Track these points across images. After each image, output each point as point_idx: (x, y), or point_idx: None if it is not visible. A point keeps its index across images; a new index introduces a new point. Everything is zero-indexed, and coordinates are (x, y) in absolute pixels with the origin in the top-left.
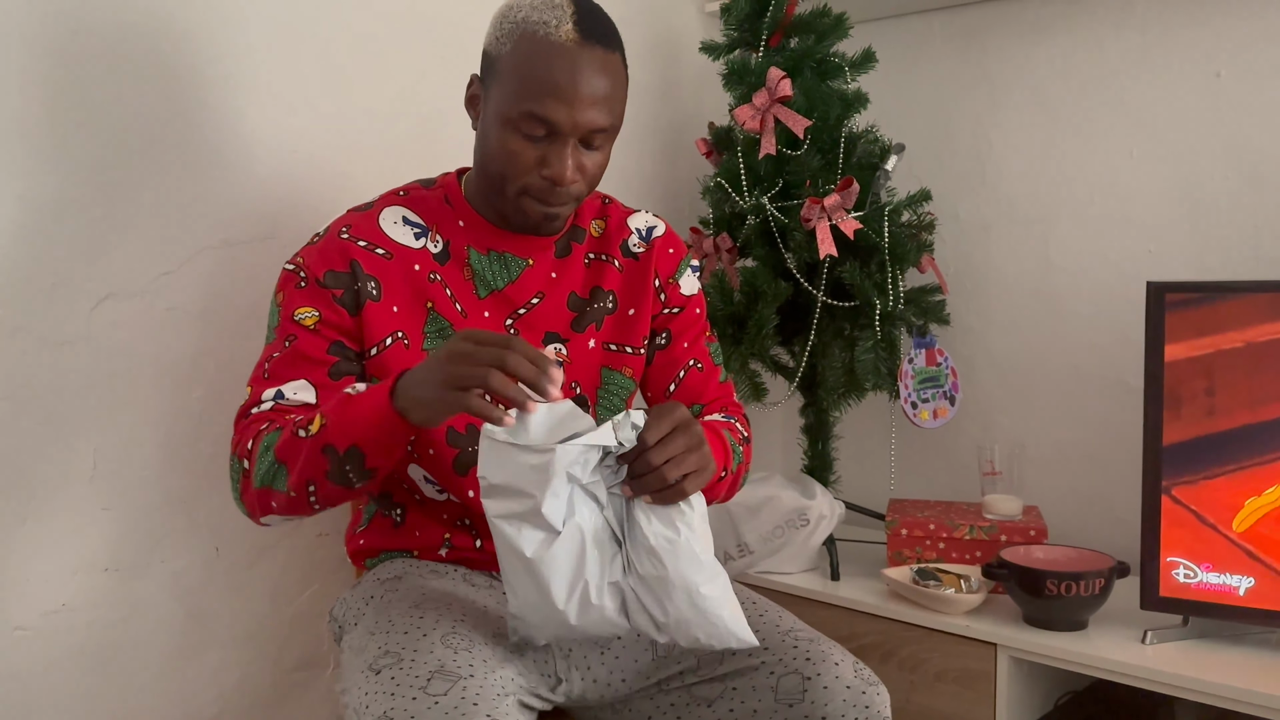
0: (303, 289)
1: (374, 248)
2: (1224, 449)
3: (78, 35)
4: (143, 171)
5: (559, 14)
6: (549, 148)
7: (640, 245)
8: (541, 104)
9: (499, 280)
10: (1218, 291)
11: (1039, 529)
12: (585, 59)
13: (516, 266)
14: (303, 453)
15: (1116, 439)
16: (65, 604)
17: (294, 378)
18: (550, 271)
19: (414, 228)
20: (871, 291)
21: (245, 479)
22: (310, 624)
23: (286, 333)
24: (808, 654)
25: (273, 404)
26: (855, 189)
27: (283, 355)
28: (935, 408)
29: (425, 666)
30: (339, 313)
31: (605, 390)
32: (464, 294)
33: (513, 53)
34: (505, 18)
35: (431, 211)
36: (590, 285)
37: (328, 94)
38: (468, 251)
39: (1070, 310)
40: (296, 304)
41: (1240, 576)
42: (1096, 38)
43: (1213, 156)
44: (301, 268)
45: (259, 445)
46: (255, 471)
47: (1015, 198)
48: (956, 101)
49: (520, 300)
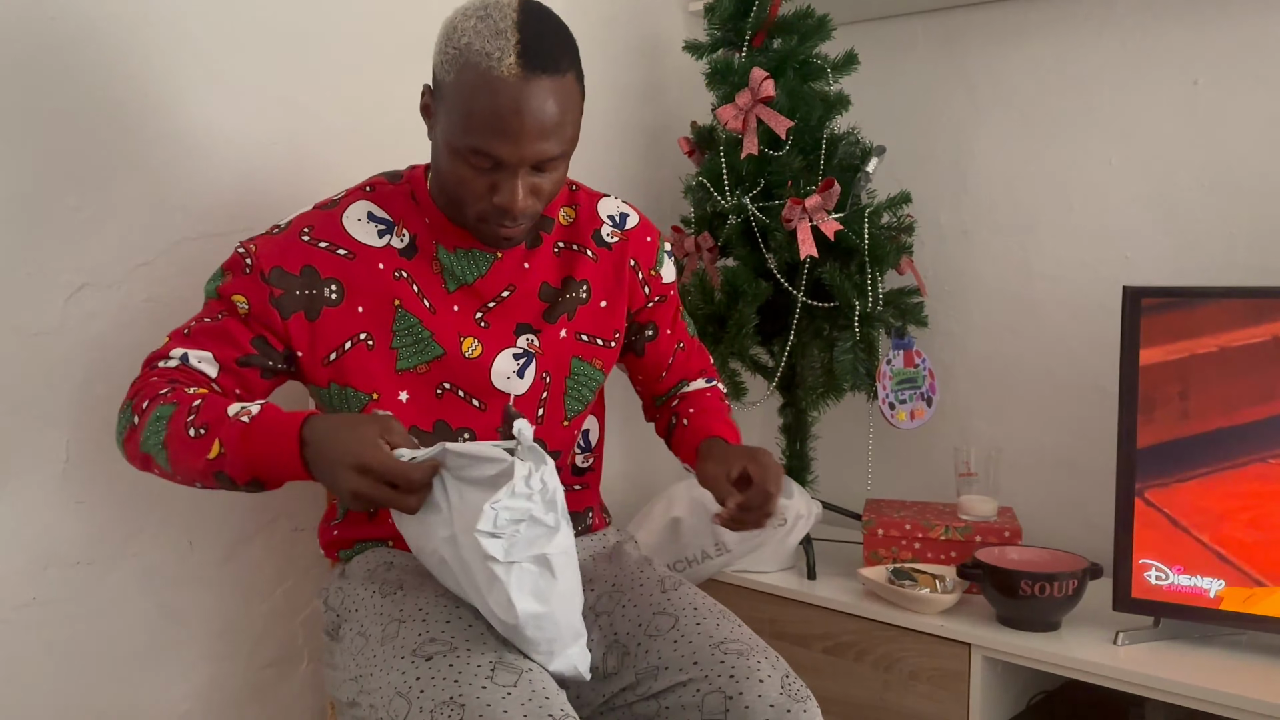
0: (247, 275)
1: (335, 248)
2: (1197, 452)
3: (55, 23)
4: (119, 162)
5: (502, 44)
6: (497, 176)
7: (614, 235)
8: (485, 141)
9: (468, 274)
10: (1193, 297)
11: (1014, 530)
12: (529, 92)
13: (485, 260)
14: (195, 465)
15: (1091, 442)
16: (36, 598)
17: (208, 349)
18: (522, 262)
19: (378, 224)
20: (851, 293)
21: (131, 432)
22: (284, 620)
23: (219, 308)
24: (733, 670)
25: (177, 364)
26: (836, 190)
27: (207, 326)
28: (912, 409)
29: (484, 657)
30: (269, 313)
31: (574, 380)
32: (432, 288)
33: (456, 83)
34: (450, 40)
35: (398, 207)
36: (562, 275)
37: (307, 86)
38: (435, 246)
39: (1047, 315)
40: (236, 288)
41: (1211, 579)
42: (1076, 45)
43: (1190, 164)
44: (251, 255)
45: (151, 411)
46: (142, 436)
47: (994, 203)
48: (938, 105)
49: (490, 294)
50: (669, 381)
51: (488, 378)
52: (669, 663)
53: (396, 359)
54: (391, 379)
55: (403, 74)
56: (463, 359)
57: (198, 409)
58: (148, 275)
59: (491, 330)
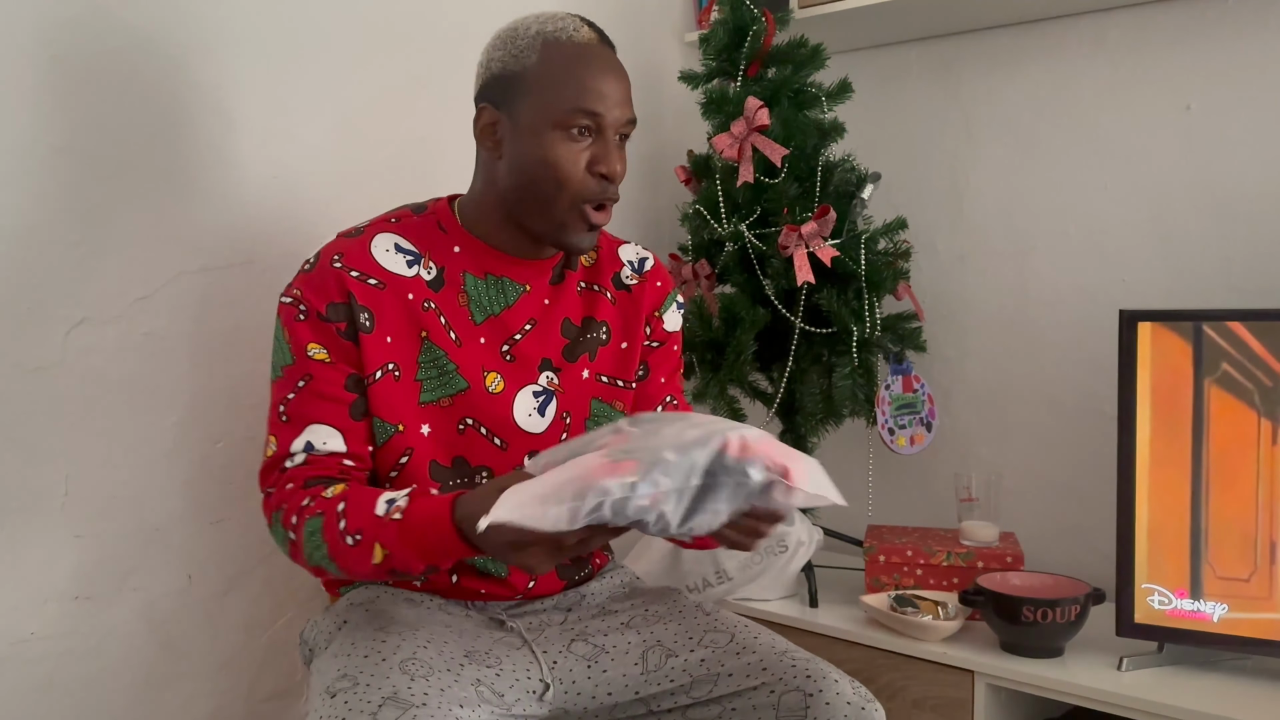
0: (303, 322)
1: (366, 277)
2: None
3: (58, 62)
4: (120, 196)
5: (572, 22)
6: (596, 147)
7: (632, 277)
8: (587, 98)
9: (495, 305)
10: (1189, 319)
11: (1015, 555)
12: (609, 57)
13: (514, 291)
14: (364, 570)
15: (1091, 466)
16: (35, 633)
17: (316, 420)
18: (544, 298)
19: (406, 255)
20: (849, 318)
21: (294, 549)
22: (284, 653)
23: (301, 372)
24: (808, 672)
25: (304, 457)
26: (832, 217)
27: (299, 396)
28: (912, 434)
29: (379, 692)
30: (344, 346)
31: (594, 421)
32: (459, 320)
33: (542, 62)
34: (517, 36)
35: (424, 238)
36: (584, 314)
37: (308, 120)
38: (463, 277)
39: (1046, 339)
40: (305, 339)
41: (1214, 603)
42: (1069, 70)
43: (1184, 188)
44: (300, 300)
45: (304, 526)
46: (305, 552)
47: (991, 227)
48: (932, 132)
49: (516, 326)
50: None
51: (510, 415)
52: (733, 670)
53: (420, 391)
54: (415, 411)
55: (402, 109)
56: (486, 394)
57: (344, 513)
58: (147, 309)
59: (516, 364)
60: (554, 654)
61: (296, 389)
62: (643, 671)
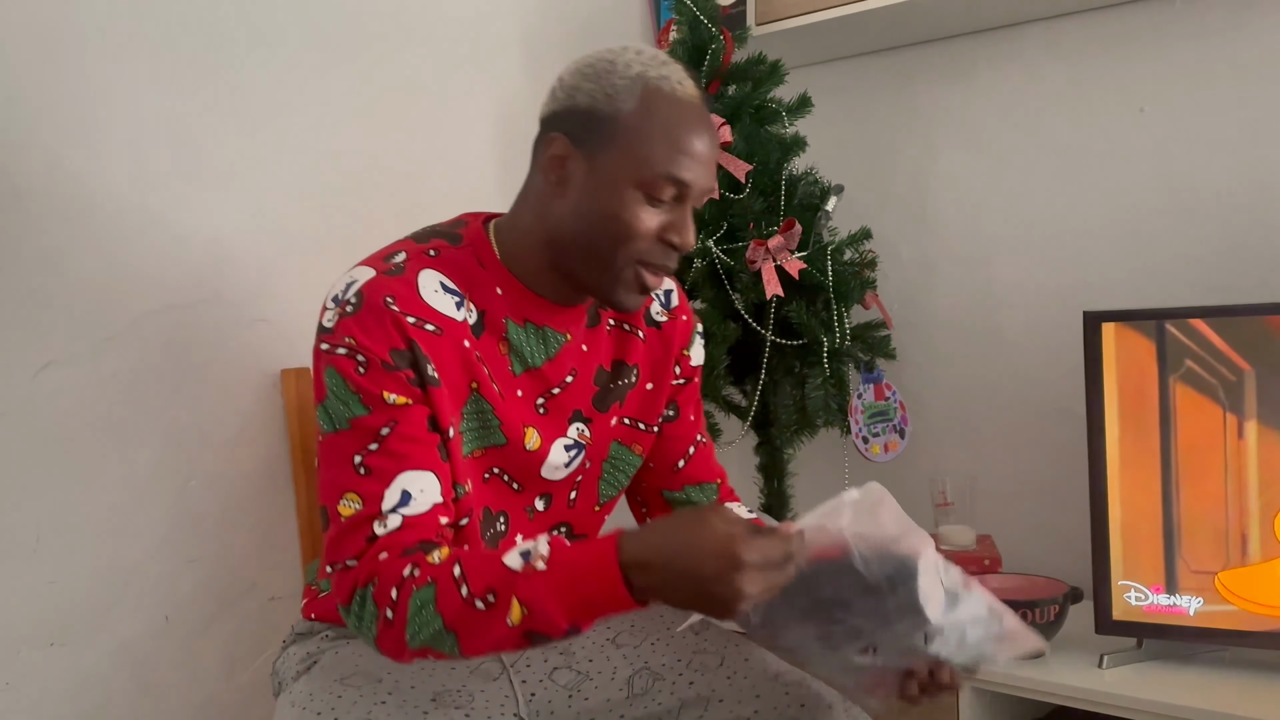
0: (367, 374)
1: (423, 323)
2: None
3: (11, 104)
4: (80, 237)
5: (677, 71)
6: (673, 213)
7: (661, 313)
8: (680, 166)
9: (537, 357)
10: (1152, 319)
11: (993, 558)
12: (707, 120)
13: (555, 342)
14: (494, 636)
15: (1064, 466)
16: (9, 683)
17: (409, 467)
18: (581, 344)
19: (453, 296)
20: (818, 329)
21: (386, 629)
22: (266, 691)
23: (384, 419)
24: (802, 700)
25: (400, 520)
26: (798, 230)
27: (383, 445)
28: (886, 441)
29: None
30: (416, 395)
31: (610, 464)
32: (499, 370)
33: (640, 112)
34: (615, 72)
35: (465, 276)
36: (614, 357)
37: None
38: (505, 324)
39: (1013, 342)
40: (377, 388)
41: (1190, 597)
42: (1025, 76)
43: (1142, 188)
44: (357, 350)
45: (408, 602)
46: (410, 631)
47: (954, 234)
48: (893, 142)
49: (556, 379)
50: (684, 477)
51: (539, 469)
52: (724, 695)
53: (463, 444)
54: (460, 465)
55: (368, 144)
56: (523, 450)
57: (464, 577)
58: (113, 349)
59: (549, 418)
60: (533, 684)
61: (379, 438)
62: (628, 696)
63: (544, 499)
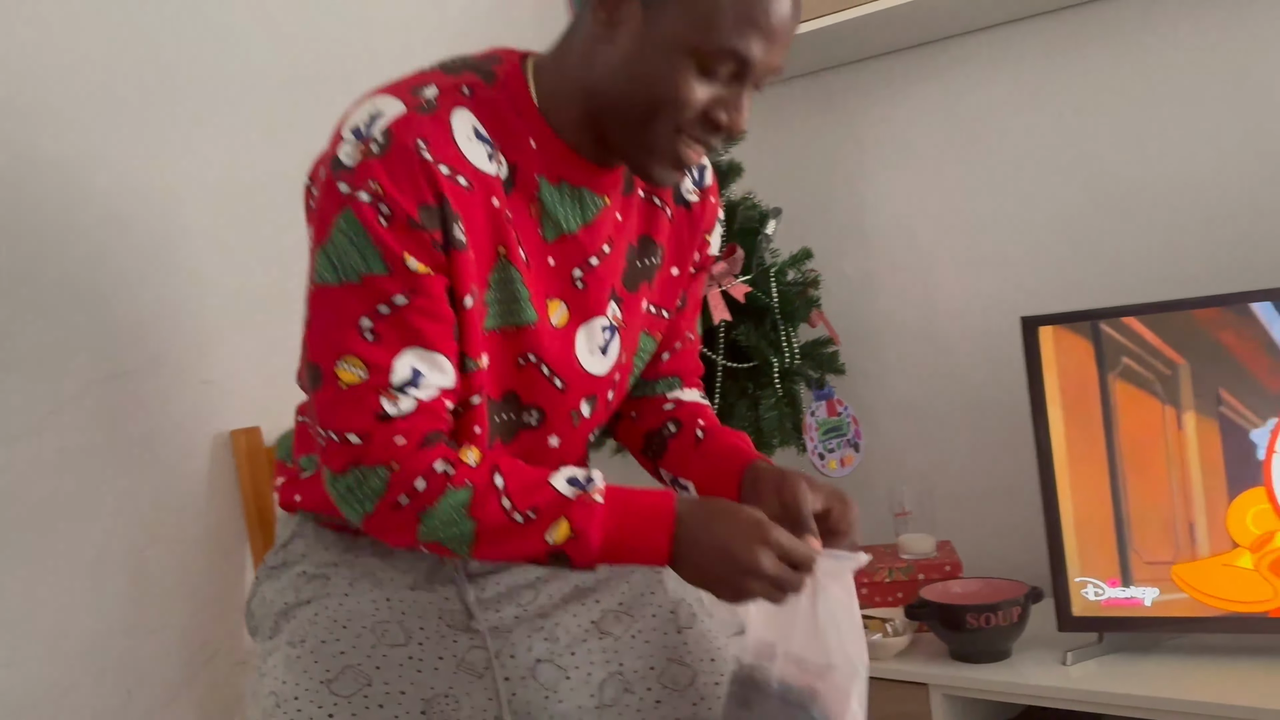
0: (389, 229)
1: (456, 174)
2: None
3: None
4: (17, 311)
5: None
6: (728, 89)
7: (693, 191)
8: (746, 40)
9: (572, 221)
10: (1089, 319)
11: (954, 564)
12: None
13: (593, 206)
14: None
15: (1015, 467)
16: None
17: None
18: (616, 212)
19: (485, 145)
20: (768, 350)
21: (392, 513)
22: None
23: (402, 285)
24: None
25: (413, 403)
26: (740, 255)
27: (396, 313)
28: (841, 456)
29: None
30: (439, 261)
31: (639, 358)
32: (528, 234)
33: None
34: None
35: (500, 123)
36: (641, 233)
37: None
38: (538, 182)
39: (957, 349)
40: (399, 247)
41: (1145, 587)
42: (953, 89)
43: (1073, 191)
44: (382, 198)
45: (439, 499)
46: (429, 526)
47: (894, 246)
48: (827, 161)
49: (593, 248)
50: (664, 369)
51: (573, 353)
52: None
53: (486, 315)
54: (478, 338)
55: None
56: (550, 328)
57: (506, 491)
58: (57, 423)
59: (585, 293)
60: (515, 681)
61: (392, 305)
62: (598, 704)
63: (589, 402)
